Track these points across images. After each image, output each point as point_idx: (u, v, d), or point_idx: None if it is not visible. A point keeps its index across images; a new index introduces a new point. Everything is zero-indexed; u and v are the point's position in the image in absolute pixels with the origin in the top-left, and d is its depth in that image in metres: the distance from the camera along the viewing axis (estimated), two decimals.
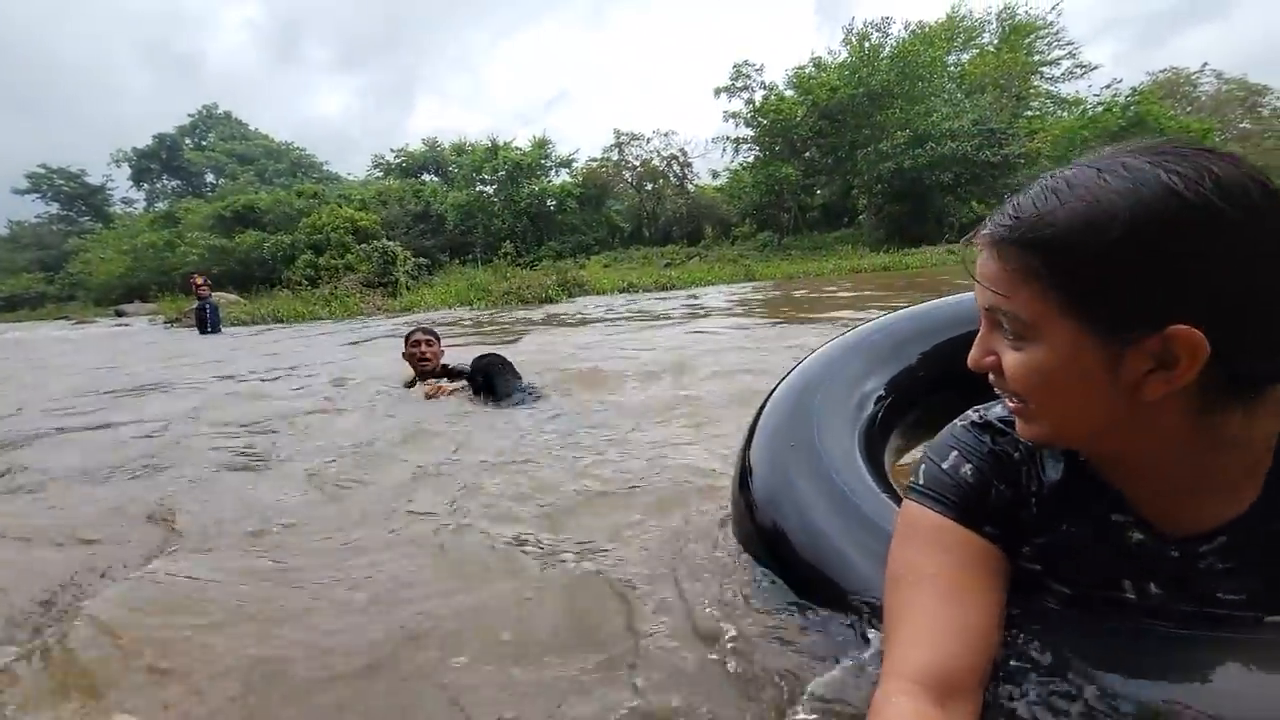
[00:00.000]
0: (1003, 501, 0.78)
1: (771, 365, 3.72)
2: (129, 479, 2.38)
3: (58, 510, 2.10)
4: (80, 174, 65.48)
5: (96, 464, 2.59)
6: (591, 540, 1.57)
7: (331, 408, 3.55)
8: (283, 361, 6.29)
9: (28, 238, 63.39)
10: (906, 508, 0.83)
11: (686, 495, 1.81)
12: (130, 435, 3.16)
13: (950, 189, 26.63)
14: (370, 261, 20.16)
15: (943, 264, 21.33)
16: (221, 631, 1.23)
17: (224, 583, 1.45)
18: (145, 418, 3.58)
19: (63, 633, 1.24)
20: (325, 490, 2.11)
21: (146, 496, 2.11)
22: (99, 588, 1.46)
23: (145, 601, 1.37)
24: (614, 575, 1.37)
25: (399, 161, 50.24)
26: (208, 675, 1.09)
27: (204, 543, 1.71)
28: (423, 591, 1.37)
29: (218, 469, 2.43)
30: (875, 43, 28.96)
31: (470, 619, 1.24)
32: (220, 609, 1.32)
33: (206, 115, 69.05)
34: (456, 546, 1.60)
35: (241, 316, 15.21)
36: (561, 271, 18.45)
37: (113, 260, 42.33)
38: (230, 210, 36.57)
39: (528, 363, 3.82)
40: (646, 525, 1.63)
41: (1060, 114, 31.61)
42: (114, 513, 1.99)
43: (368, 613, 1.29)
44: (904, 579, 0.78)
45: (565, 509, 1.80)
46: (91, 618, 1.29)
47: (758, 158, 33.68)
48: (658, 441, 2.42)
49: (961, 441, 0.82)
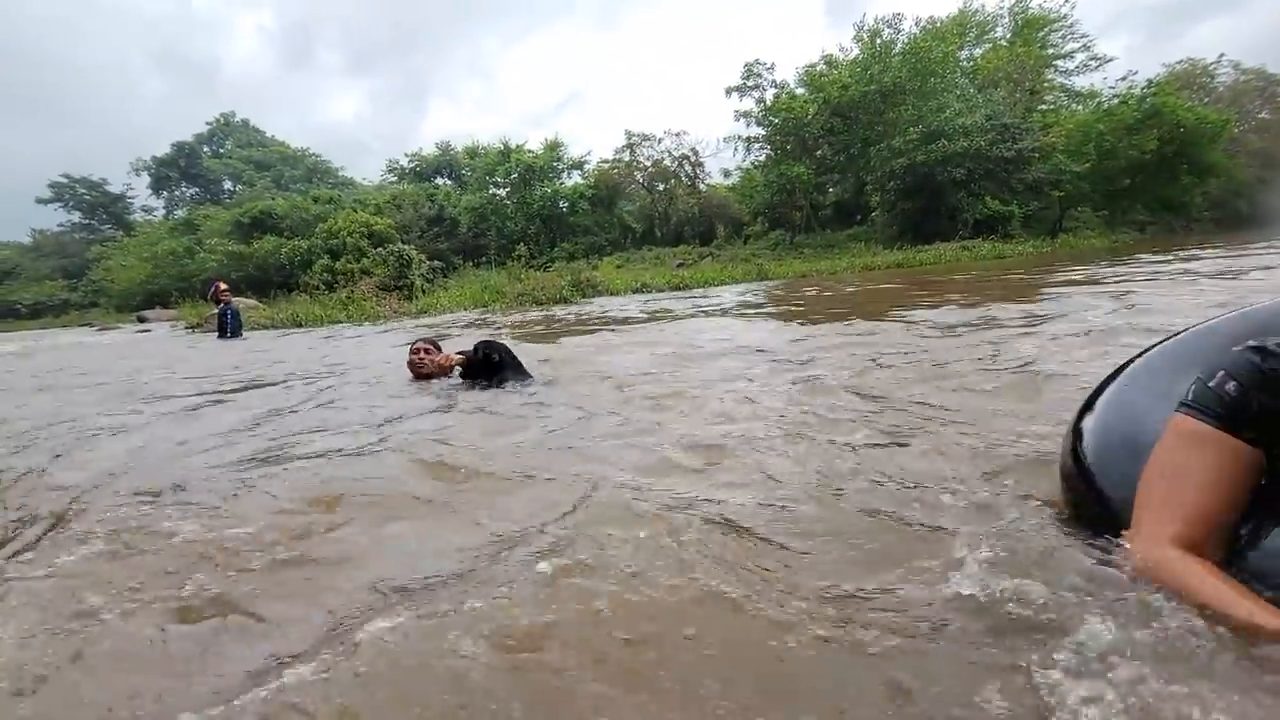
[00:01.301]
0: (1264, 411, 0.97)
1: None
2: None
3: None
4: (101, 183, 66.64)
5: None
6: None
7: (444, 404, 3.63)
8: (352, 358, 6.52)
9: (51, 246, 64.65)
10: (1173, 419, 1.07)
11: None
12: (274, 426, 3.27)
13: (963, 185, 26.42)
14: (386, 265, 20.40)
15: (956, 260, 21.20)
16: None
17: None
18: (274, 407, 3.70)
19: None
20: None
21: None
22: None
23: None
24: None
25: (413, 166, 50.67)
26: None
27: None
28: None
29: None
30: (887, 39, 28.82)
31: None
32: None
33: (224, 123, 70.03)
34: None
35: (261, 321, 15.45)
36: (575, 273, 18.53)
37: (134, 267, 43.08)
38: (248, 216, 37.12)
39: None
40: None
41: (1075, 107, 31.29)
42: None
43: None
44: (1165, 472, 1.04)
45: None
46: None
47: (769, 156, 33.63)
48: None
49: (1233, 363, 1.02)
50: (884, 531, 1.50)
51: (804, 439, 2.29)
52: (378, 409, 3.39)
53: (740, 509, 1.68)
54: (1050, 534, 1.34)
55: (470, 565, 1.45)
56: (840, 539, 1.47)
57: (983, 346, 3.98)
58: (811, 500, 1.71)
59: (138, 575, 1.50)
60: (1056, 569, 1.18)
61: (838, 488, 1.79)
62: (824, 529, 1.53)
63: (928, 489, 1.70)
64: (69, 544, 1.73)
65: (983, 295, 7.79)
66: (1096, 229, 27.80)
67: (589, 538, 1.54)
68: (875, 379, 3.27)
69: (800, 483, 1.85)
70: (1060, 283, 8.75)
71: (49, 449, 2.98)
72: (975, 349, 3.91)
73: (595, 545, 1.50)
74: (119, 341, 15.06)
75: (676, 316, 8.83)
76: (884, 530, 1.50)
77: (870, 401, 2.78)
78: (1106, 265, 11.81)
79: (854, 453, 2.09)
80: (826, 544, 1.45)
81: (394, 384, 4.16)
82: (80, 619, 1.31)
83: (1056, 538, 1.31)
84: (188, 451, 2.75)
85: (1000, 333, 4.53)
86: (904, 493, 1.70)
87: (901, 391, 2.90)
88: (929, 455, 1.99)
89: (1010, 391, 2.75)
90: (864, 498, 1.70)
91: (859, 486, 1.78)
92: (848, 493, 1.75)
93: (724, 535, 1.53)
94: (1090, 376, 2.22)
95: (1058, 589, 1.10)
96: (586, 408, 3.04)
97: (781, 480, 1.89)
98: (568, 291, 15.94)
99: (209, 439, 2.97)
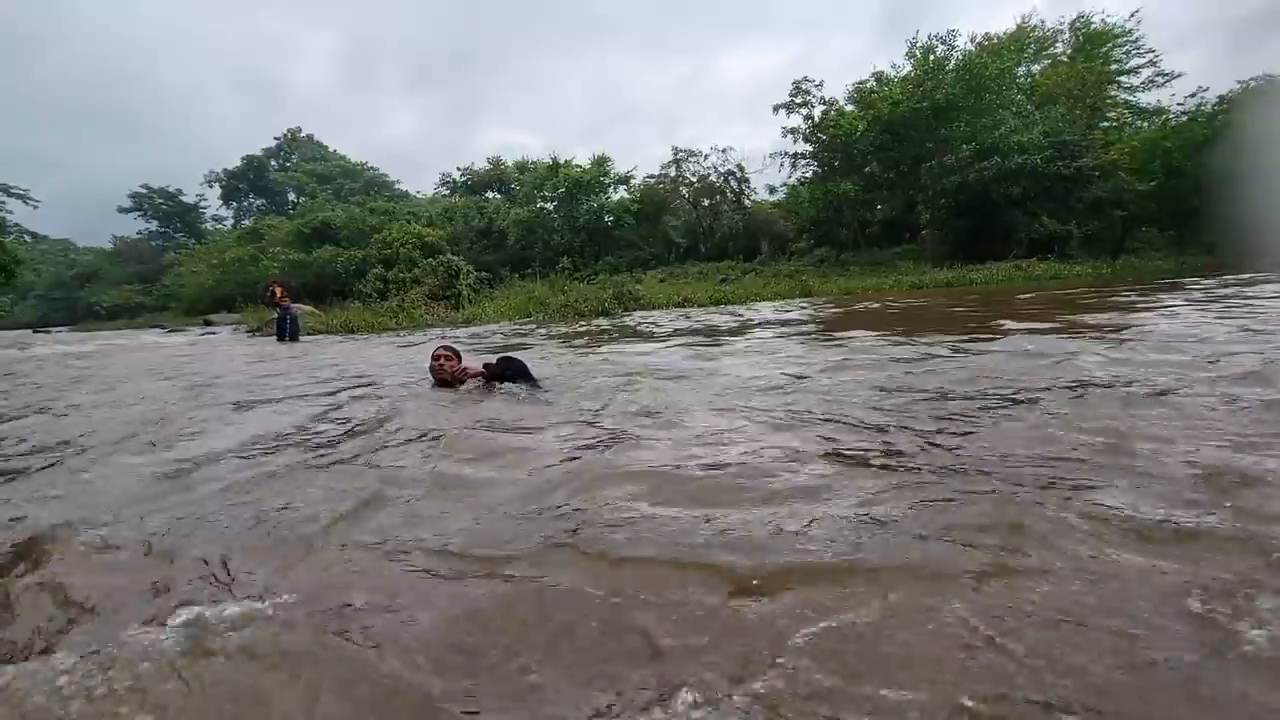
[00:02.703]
0: None
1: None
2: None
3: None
4: (177, 194, 70.83)
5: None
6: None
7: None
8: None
9: (129, 252, 68.91)
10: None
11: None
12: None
13: (1019, 203, 25.62)
14: (435, 275, 21.03)
15: (1010, 280, 20.56)
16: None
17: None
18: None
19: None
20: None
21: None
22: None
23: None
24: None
25: (465, 180, 52.13)
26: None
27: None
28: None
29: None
30: (940, 56, 28.32)
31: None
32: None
33: (291, 138, 73.59)
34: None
35: (317, 326, 16.09)
36: (618, 286, 18.73)
37: (202, 273, 45.50)
38: (309, 226, 38.81)
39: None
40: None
41: (1140, 124, 30.03)
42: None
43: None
44: None
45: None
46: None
47: (816, 173, 33.33)
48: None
49: None
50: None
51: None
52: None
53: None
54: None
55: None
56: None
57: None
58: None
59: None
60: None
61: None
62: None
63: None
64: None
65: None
66: (1162, 250, 26.52)
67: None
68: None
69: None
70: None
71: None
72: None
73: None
74: (200, 341, 15.87)
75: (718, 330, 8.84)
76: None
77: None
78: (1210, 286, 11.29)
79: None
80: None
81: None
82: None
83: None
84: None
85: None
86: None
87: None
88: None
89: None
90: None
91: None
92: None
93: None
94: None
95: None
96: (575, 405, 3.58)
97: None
98: (609, 304, 16.11)
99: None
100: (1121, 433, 2.35)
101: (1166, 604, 1.23)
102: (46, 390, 6.07)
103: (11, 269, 27.12)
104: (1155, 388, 3.13)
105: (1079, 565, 1.39)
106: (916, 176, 29.06)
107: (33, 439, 3.51)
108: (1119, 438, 2.29)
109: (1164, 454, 2.11)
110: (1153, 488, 1.83)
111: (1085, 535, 1.54)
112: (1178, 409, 2.69)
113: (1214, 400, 2.77)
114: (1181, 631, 1.15)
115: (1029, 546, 1.49)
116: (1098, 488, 1.85)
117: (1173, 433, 2.33)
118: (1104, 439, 2.29)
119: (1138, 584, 1.31)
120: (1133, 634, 1.14)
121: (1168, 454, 2.11)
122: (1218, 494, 1.76)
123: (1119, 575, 1.35)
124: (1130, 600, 1.25)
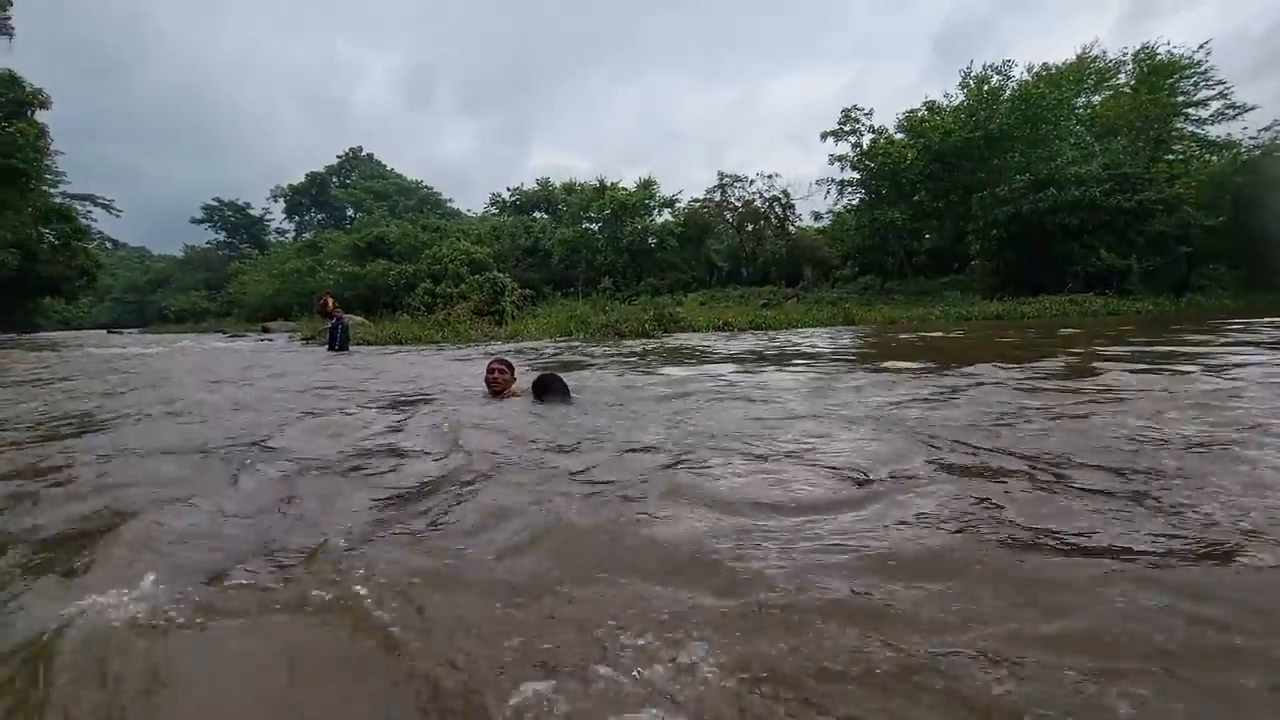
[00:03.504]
0: None
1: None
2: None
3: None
4: (245, 206, 74.87)
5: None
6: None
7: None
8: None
9: (198, 260, 72.97)
10: None
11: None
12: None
13: (1075, 235, 24.83)
14: (481, 291, 21.59)
15: (1064, 314, 19.90)
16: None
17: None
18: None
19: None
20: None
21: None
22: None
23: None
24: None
25: (514, 200, 53.56)
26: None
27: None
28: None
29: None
30: (995, 86, 27.90)
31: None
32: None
33: (352, 156, 77.05)
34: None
35: (366, 337, 16.65)
36: (659, 307, 18.86)
37: (264, 282, 47.79)
38: (364, 241, 40.40)
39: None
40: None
41: (1209, 158, 28.83)
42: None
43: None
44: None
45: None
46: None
47: (863, 200, 33.06)
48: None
49: None
50: None
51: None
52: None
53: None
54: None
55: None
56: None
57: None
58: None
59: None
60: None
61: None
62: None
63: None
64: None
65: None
66: (1231, 288, 25.28)
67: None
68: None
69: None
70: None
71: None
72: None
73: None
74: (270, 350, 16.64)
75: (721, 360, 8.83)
76: None
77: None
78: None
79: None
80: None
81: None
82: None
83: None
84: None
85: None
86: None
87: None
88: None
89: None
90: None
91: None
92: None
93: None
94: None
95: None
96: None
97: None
98: (649, 325, 16.23)
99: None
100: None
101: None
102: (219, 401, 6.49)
103: (93, 273, 29.09)
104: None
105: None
106: (967, 206, 28.51)
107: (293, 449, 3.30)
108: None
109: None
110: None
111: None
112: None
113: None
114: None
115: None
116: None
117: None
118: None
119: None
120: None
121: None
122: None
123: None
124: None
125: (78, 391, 6.18)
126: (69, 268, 26.84)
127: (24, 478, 2.69)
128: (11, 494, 2.44)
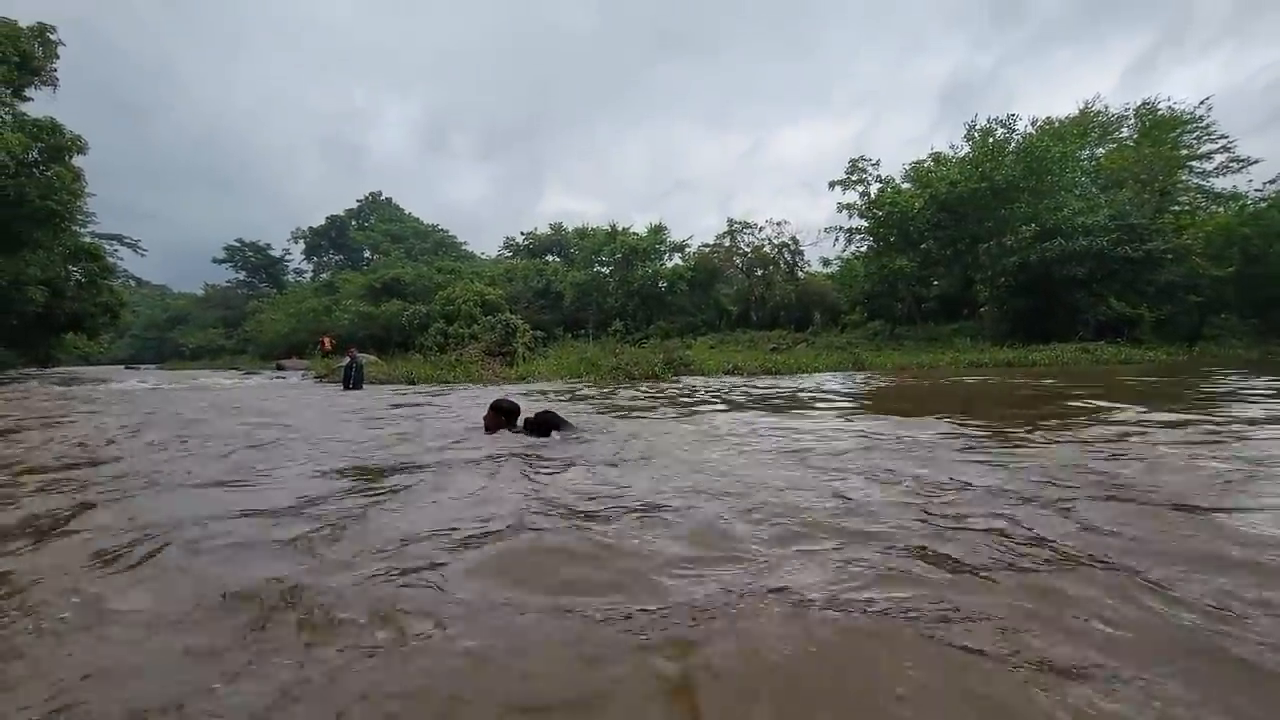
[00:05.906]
0: None
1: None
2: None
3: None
4: (266, 247, 76.65)
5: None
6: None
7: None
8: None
9: (217, 299, 74.43)
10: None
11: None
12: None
13: (1084, 284, 24.98)
14: (494, 332, 21.89)
15: (1075, 362, 19.84)
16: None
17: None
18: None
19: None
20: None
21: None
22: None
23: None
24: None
25: (527, 243, 54.67)
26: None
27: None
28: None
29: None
30: (1000, 138, 28.52)
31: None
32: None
33: (371, 200, 79.19)
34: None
35: (379, 376, 16.86)
36: (669, 350, 18.97)
37: (280, 320, 48.60)
38: (379, 281, 41.24)
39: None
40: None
41: (1215, 209, 29.13)
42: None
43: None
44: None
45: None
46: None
47: (871, 248, 33.51)
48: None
49: None
50: None
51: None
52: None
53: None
54: None
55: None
56: None
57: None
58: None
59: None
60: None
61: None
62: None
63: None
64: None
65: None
66: (1244, 338, 25.19)
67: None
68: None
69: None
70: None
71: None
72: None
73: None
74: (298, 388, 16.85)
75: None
76: None
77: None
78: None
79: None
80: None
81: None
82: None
83: None
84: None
85: None
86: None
87: None
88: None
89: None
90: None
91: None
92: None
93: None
94: None
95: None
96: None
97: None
98: (659, 369, 16.33)
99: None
100: None
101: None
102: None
103: (117, 310, 29.74)
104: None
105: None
106: (974, 255, 28.80)
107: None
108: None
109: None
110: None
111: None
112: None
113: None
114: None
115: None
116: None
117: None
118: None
119: None
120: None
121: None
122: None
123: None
124: None
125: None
126: (94, 304, 27.48)
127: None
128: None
